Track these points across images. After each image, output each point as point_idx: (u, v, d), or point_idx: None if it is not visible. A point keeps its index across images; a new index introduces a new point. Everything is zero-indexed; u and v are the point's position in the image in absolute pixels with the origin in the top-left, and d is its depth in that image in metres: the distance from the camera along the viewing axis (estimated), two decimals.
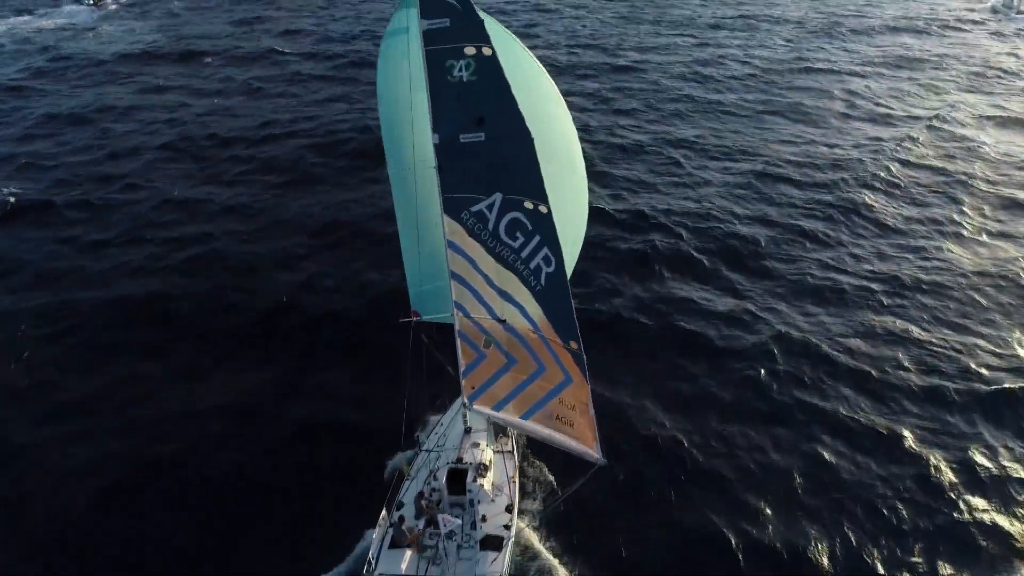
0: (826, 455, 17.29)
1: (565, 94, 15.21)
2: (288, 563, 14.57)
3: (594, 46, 56.12)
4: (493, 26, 12.85)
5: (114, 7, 73.43)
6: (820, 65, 50.79)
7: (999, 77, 47.71)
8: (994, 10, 66.50)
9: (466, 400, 15.03)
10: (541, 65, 14.49)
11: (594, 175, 31.35)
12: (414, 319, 15.64)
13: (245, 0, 77.52)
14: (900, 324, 22.09)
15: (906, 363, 20.32)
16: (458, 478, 14.43)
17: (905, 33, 59.77)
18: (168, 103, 43.27)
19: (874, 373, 19.91)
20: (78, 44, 57.98)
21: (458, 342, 14.36)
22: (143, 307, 23.30)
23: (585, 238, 15.79)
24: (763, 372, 19.91)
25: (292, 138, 37.41)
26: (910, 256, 25.97)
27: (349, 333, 21.80)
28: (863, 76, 48.11)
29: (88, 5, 72.56)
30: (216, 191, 31.45)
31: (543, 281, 12.44)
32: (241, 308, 23.14)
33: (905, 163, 33.97)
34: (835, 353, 20.67)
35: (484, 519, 13.66)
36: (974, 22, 62.78)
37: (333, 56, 54.09)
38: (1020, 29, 59.62)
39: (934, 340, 21.33)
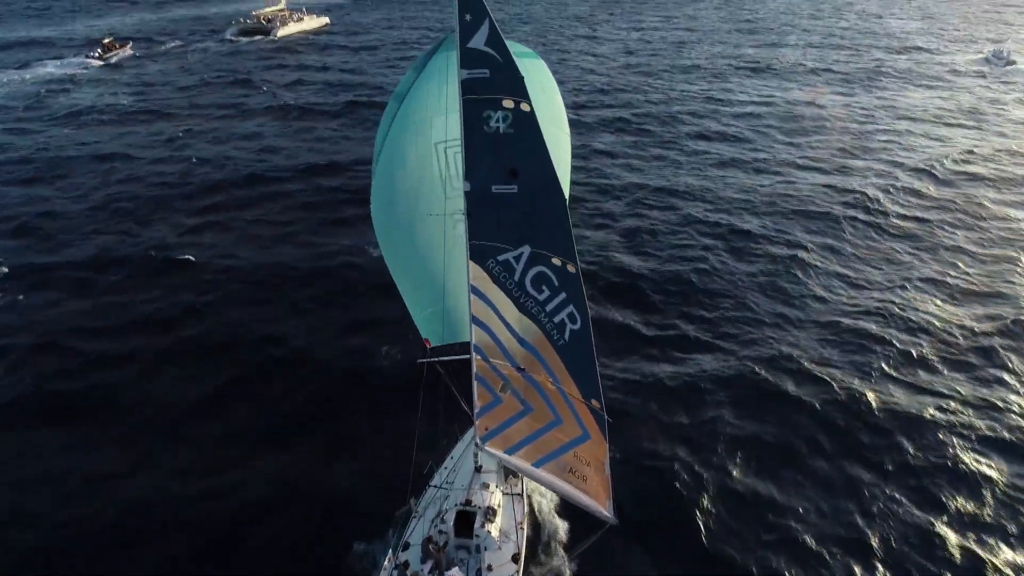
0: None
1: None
2: None
3: (607, 103, 55.32)
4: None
5: (121, 61, 73.20)
6: (832, 113, 51.65)
7: (995, 121, 49.97)
8: (987, 61, 72.37)
9: (479, 440, 14.78)
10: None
11: (604, 237, 30.71)
12: (427, 347, 15.40)
13: (252, 54, 77.95)
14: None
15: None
16: (466, 521, 14.20)
17: (910, 84, 62.20)
18: (164, 158, 42.62)
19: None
20: (83, 98, 57.62)
21: (475, 384, 14.09)
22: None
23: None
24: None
25: (287, 191, 37.14)
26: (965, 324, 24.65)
27: (350, 373, 21.51)
28: (871, 126, 48.80)
29: (95, 58, 72.56)
30: (206, 252, 30.35)
31: (567, 337, 12.12)
32: (242, 355, 22.67)
33: (914, 204, 34.41)
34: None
35: (490, 568, 13.44)
36: (970, 73, 66.39)
37: (337, 108, 54.17)
38: (1015, 82, 62.84)
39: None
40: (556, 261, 11.44)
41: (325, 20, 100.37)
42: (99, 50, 74.05)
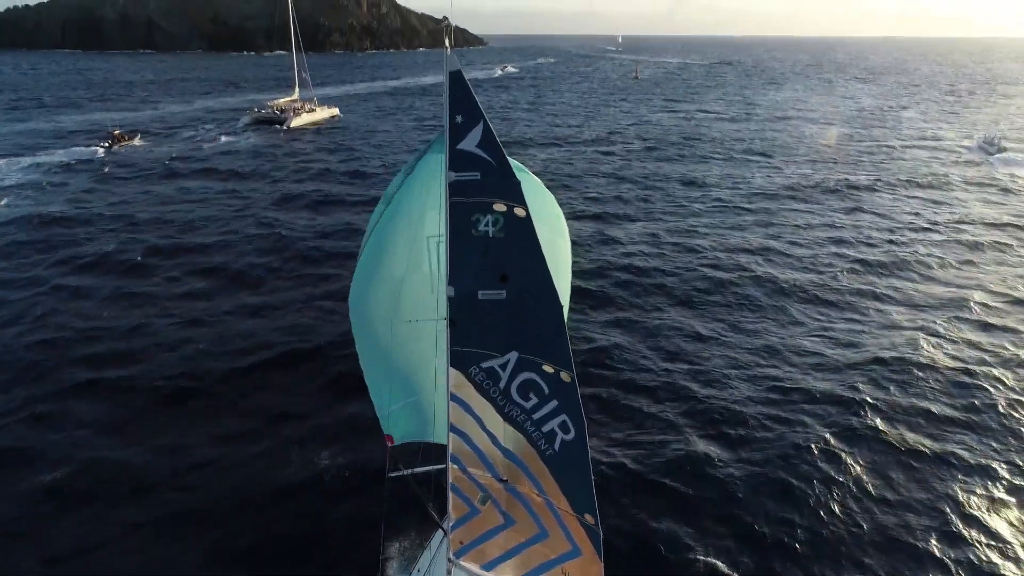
0: None
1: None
2: None
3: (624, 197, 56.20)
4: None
5: (128, 151, 71.93)
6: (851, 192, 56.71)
7: (993, 204, 54.12)
8: (981, 149, 77.54)
9: (452, 555, 13.55)
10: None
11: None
12: (389, 444, 14.25)
13: (261, 145, 77.64)
14: None
15: None
16: None
17: (909, 167, 67.68)
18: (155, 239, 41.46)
19: None
20: (75, 186, 55.85)
21: (449, 495, 12.97)
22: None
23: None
24: None
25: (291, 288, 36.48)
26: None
27: (306, 485, 19.69)
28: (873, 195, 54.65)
29: (103, 148, 71.45)
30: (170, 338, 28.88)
31: (556, 447, 11.32)
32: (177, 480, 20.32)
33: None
34: None
35: None
36: (964, 162, 71.69)
37: (340, 199, 54.20)
38: (1011, 175, 67.23)
39: None
40: (548, 368, 10.73)
41: (335, 111, 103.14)
42: (108, 141, 72.99)
